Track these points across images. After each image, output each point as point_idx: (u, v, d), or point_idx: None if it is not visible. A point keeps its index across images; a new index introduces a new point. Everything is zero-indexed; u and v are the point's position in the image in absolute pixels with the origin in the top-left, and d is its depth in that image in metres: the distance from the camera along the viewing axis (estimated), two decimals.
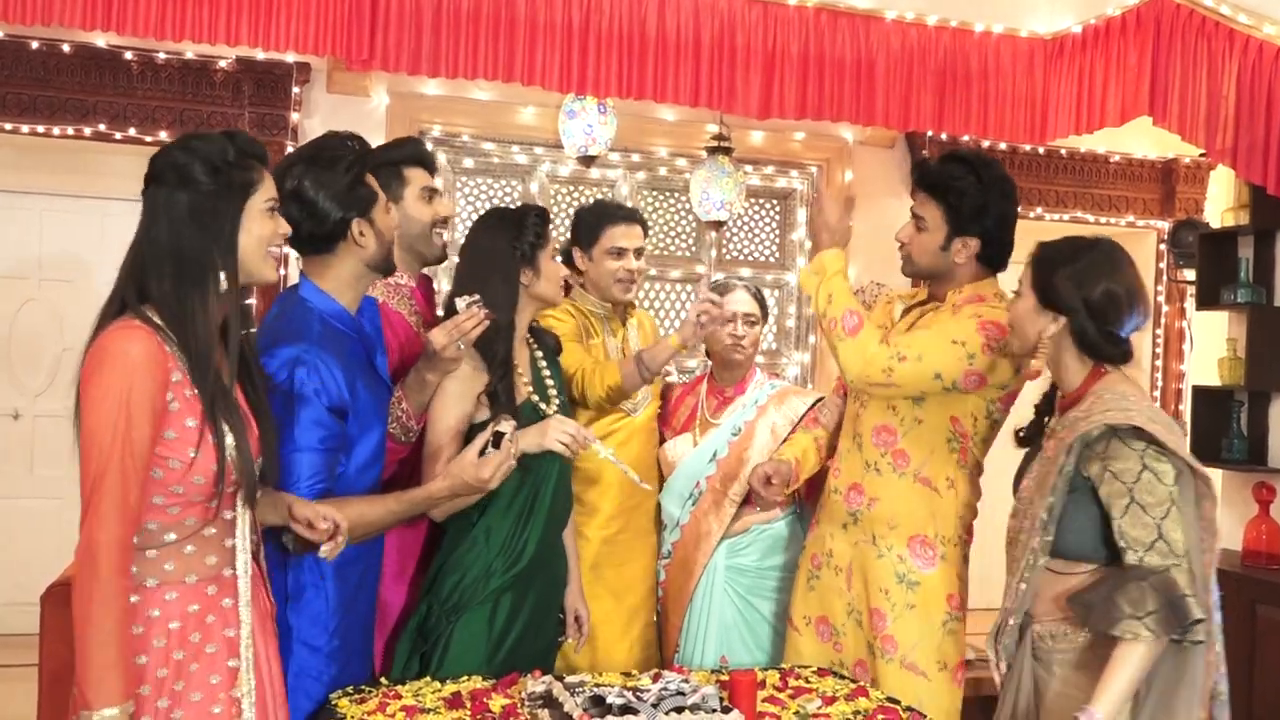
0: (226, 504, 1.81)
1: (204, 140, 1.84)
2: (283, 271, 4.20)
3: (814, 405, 3.03)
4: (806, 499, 3.02)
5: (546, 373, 2.60)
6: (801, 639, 2.71)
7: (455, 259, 3.38)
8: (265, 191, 1.87)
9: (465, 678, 2.29)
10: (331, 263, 2.24)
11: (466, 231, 2.67)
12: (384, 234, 2.26)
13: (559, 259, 2.64)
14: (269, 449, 1.91)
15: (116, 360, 1.70)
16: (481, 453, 2.22)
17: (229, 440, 1.79)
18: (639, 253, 3.00)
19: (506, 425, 2.24)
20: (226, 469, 1.77)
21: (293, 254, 3.25)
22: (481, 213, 4.92)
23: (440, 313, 2.58)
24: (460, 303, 2.40)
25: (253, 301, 2.12)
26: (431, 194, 2.68)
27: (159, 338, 1.74)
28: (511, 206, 2.79)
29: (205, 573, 1.81)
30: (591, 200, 5.08)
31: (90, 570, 1.64)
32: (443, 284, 4.38)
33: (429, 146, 4.84)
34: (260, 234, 1.86)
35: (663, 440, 3.15)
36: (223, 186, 1.80)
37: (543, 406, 2.54)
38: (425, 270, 2.82)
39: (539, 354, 2.62)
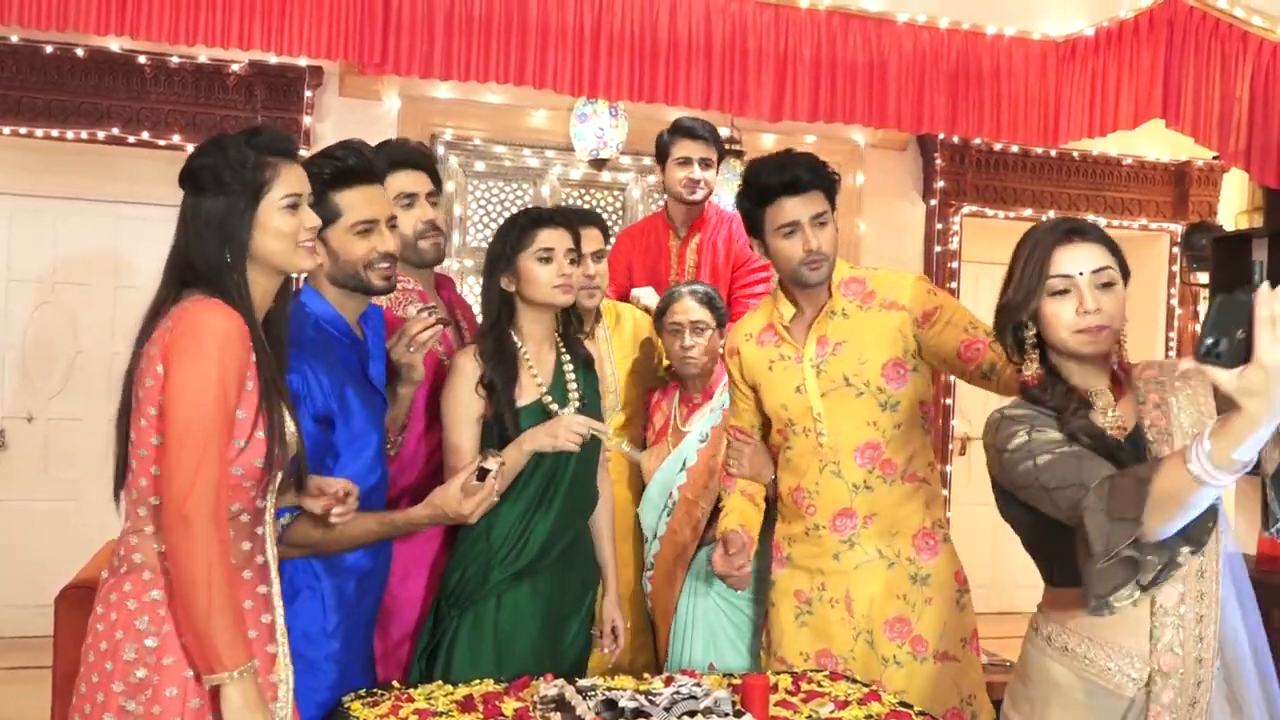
0: (262, 492, 1.84)
1: (221, 145, 1.84)
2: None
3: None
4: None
5: (571, 377, 2.57)
6: None
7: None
8: (282, 188, 1.84)
9: (477, 681, 2.30)
10: (313, 271, 2.27)
11: (472, 235, 2.70)
12: (339, 255, 2.23)
13: (545, 257, 2.49)
14: (300, 446, 1.93)
15: (209, 331, 1.71)
16: (480, 477, 2.25)
17: (289, 427, 1.84)
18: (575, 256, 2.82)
19: (492, 462, 2.26)
20: (276, 454, 1.80)
21: None
22: (492, 217, 5.00)
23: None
24: (412, 309, 2.47)
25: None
26: (410, 199, 2.59)
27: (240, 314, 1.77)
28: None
29: (241, 558, 1.82)
30: (597, 203, 5.12)
31: (200, 540, 1.67)
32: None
33: (440, 151, 4.86)
34: (280, 230, 1.83)
35: (644, 448, 3.13)
36: (233, 192, 1.80)
37: (554, 408, 2.52)
38: (441, 270, 2.80)
39: (566, 358, 2.59)
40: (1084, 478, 1.70)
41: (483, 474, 2.24)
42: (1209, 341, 1.37)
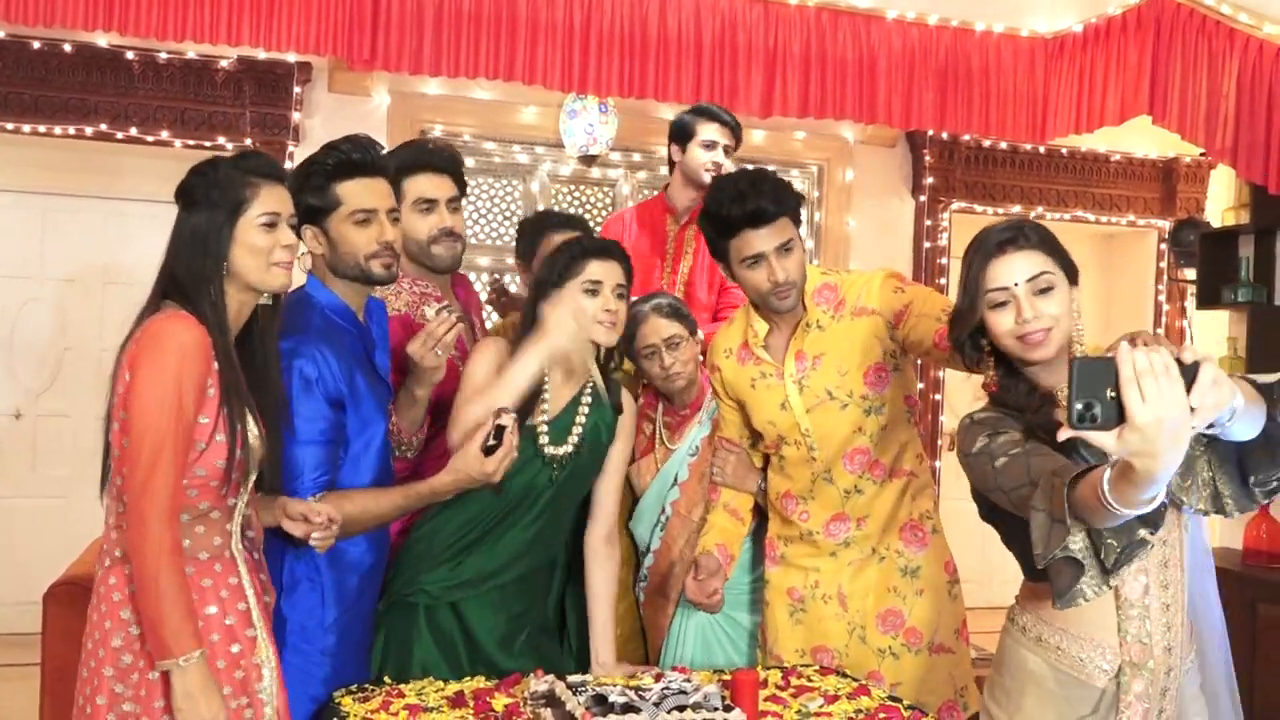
0: (233, 491, 1.94)
1: (213, 165, 1.98)
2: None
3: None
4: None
5: (582, 416, 2.48)
6: None
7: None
8: (260, 207, 1.95)
9: (468, 678, 2.30)
10: (316, 261, 2.32)
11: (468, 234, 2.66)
12: (339, 244, 2.26)
13: (592, 289, 2.41)
14: (273, 452, 2.02)
15: (170, 342, 1.84)
16: (485, 447, 2.25)
17: (253, 431, 1.94)
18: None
19: (507, 419, 2.26)
20: (238, 456, 1.90)
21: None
22: (481, 213, 4.99)
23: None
24: (429, 310, 2.43)
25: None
26: (429, 205, 2.59)
27: (203, 326, 1.88)
28: (577, 236, 2.59)
29: (214, 551, 1.94)
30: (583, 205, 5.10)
31: (153, 536, 1.80)
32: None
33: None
34: (254, 246, 1.94)
35: (633, 459, 3.08)
36: (213, 207, 1.93)
37: (544, 439, 2.44)
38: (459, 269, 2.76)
39: (586, 399, 2.49)
40: (1033, 475, 1.73)
41: (499, 431, 2.25)
42: (1079, 407, 1.31)
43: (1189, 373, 1.32)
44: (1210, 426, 1.44)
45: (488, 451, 2.25)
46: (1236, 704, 2.02)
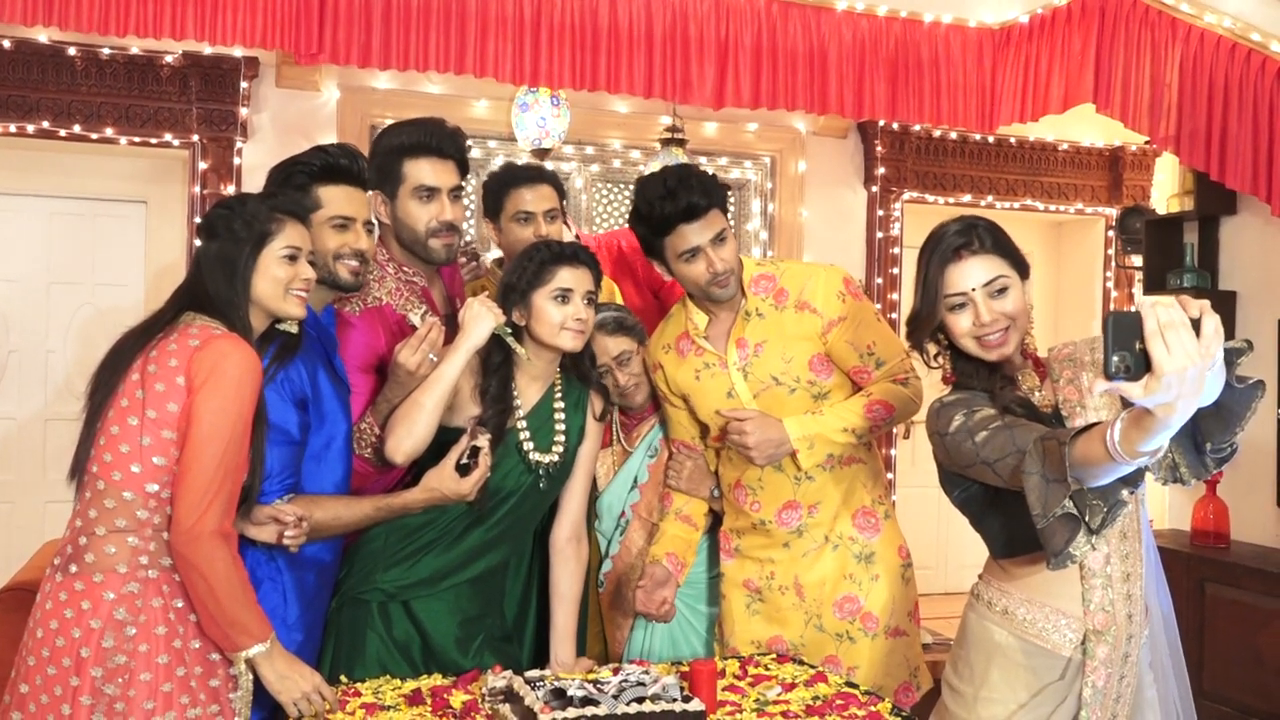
0: None
1: (242, 200, 2.13)
2: None
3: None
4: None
5: (560, 424, 2.46)
6: None
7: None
8: (283, 240, 2.09)
9: (425, 675, 2.29)
10: None
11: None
12: (312, 244, 2.26)
13: (561, 296, 2.38)
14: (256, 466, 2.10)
15: (241, 365, 1.96)
16: (459, 466, 2.27)
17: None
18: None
19: (483, 440, 2.28)
20: (257, 471, 2.04)
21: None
22: None
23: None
24: (414, 317, 2.41)
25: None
26: (430, 194, 2.51)
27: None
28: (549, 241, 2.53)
29: None
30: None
31: (218, 550, 1.92)
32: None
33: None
34: (275, 277, 2.08)
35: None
36: (240, 238, 2.06)
37: (528, 445, 2.42)
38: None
39: (558, 401, 2.48)
40: (1018, 444, 1.79)
41: (475, 451, 2.27)
42: (1115, 360, 1.39)
43: (1195, 325, 1.39)
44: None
45: (462, 470, 2.28)
46: (1184, 680, 2.07)
